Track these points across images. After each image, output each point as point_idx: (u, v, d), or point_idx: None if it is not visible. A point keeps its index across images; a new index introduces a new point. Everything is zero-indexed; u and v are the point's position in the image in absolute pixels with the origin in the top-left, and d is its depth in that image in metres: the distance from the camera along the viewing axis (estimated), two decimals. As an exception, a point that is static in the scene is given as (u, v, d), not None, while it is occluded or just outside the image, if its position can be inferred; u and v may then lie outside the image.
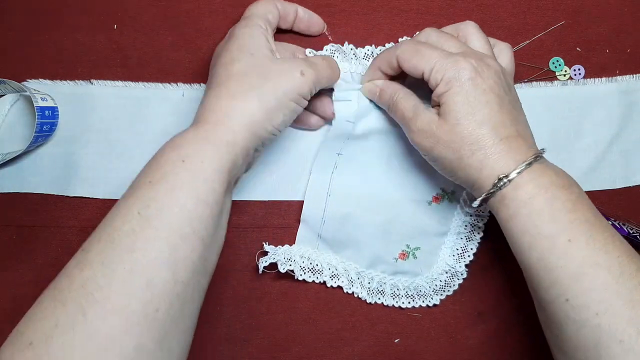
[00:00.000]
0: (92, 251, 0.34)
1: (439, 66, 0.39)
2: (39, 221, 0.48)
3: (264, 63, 0.40)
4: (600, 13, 0.49)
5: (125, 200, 0.36)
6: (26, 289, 0.47)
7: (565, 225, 0.36)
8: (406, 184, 0.47)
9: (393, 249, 0.48)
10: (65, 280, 0.34)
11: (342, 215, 0.47)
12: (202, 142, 0.37)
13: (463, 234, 0.48)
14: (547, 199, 0.37)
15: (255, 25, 0.42)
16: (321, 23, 0.48)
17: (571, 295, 0.35)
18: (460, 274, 0.48)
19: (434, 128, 0.40)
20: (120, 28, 0.49)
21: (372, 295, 0.48)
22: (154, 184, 0.36)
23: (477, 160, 0.38)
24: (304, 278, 0.47)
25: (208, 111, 0.39)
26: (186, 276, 0.35)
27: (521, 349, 0.48)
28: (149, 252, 0.34)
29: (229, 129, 0.38)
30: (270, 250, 0.46)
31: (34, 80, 0.48)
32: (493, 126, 0.38)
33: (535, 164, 0.38)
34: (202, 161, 0.36)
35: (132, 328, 0.32)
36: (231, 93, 0.39)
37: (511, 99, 0.40)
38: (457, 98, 0.39)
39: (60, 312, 0.32)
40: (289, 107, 0.40)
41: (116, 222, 0.35)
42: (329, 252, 0.48)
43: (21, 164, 0.48)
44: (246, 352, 0.48)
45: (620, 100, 0.49)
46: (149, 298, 0.33)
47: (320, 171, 0.47)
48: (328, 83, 0.44)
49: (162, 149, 0.38)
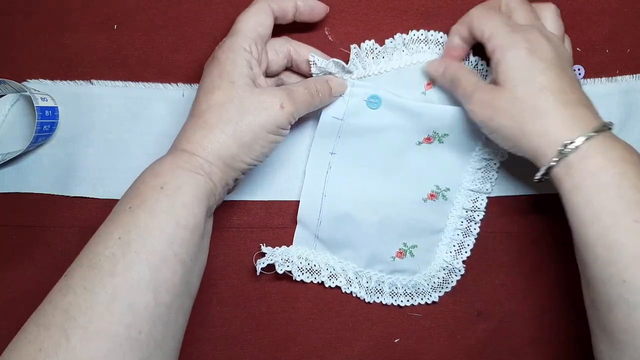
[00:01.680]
0: (75, 277, 0.35)
1: (498, 33, 0.39)
2: (39, 221, 0.48)
3: (243, 94, 0.39)
4: (600, 13, 0.49)
5: (107, 226, 0.36)
6: (26, 289, 0.47)
7: (632, 204, 0.34)
8: (401, 182, 0.47)
9: (390, 247, 0.48)
10: (48, 306, 0.34)
11: (338, 215, 0.47)
12: (179, 170, 0.38)
13: (459, 230, 0.48)
14: (616, 174, 0.35)
15: (239, 49, 0.41)
16: (323, 8, 0.46)
17: (629, 277, 0.33)
18: (458, 270, 0.48)
19: (492, 97, 0.39)
20: (120, 28, 0.49)
21: (371, 295, 0.48)
22: (134, 210, 0.36)
23: (539, 125, 0.37)
24: (302, 279, 0.47)
25: (185, 140, 0.39)
26: (168, 298, 0.35)
27: (521, 348, 0.48)
28: (130, 275, 0.34)
29: (204, 160, 0.38)
30: (267, 251, 0.46)
31: (34, 80, 0.48)
32: (553, 91, 0.37)
33: (602, 134, 0.36)
34: (180, 187, 0.37)
35: (115, 351, 0.32)
36: (208, 125, 0.39)
37: (573, 74, 0.39)
38: (514, 64, 0.38)
39: (43, 337, 0.32)
40: (266, 139, 0.40)
41: (98, 248, 0.35)
42: (326, 252, 0.48)
43: (21, 164, 0.48)
44: (246, 352, 0.48)
45: (620, 100, 0.49)
46: (131, 321, 0.33)
47: (314, 171, 0.47)
48: (309, 110, 0.43)
49: (141, 176, 0.38)
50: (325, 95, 0.44)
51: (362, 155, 0.47)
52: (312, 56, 0.44)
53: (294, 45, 0.45)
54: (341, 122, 0.46)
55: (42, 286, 0.46)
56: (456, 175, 0.47)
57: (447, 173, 0.47)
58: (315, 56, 0.44)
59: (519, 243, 0.48)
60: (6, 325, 0.47)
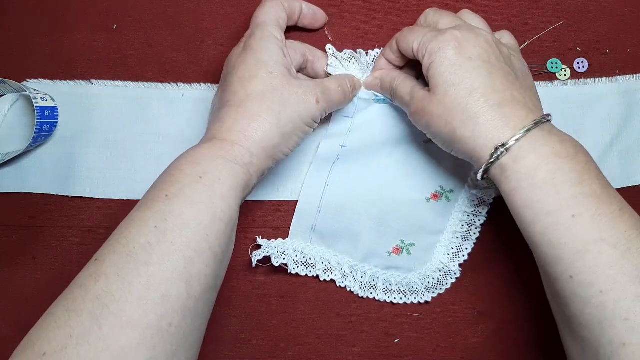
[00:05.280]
0: (107, 262, 0.34)
1: (424, 40, 0.39)
2: (38, 221, 0.48)
3: (282, 84, 0.40)
4: (600, 13, 0.49)
5: (141, 212, 0.36)
6: (26, 289, 0.47)
7: (568, 200, 0.34)
8: (406, 180, 0.48)
9: (387, 243, 0.48)
10: (78, 291, 0.33)
11: (339, 205, 0.47)
12: (219, 160, 0.37)
13: (459, 233, 0.48)
14: (550, 171, 0.35)
15: (271, 37, 0.41)
16: (324, 16, 0.47)
17: (575, 273, 0.34)
18: (453, 273, 0.48)
19: (426, 104, 0.39)
20: (120, 28, 0.49)
21: (365, 290, 0.48)
22: (171, 198, 0.36)
23: (469, 130, 0.37)
24: (297, 272, 0.47)
25: (226, 130, 0.39)
26: (199, 291, 0.35)
27: (521, 348, 0.48)
28: (165, 266, 0.34)
29: (246, 150, 0.38)
30: (263, 243, 0.46)
31: (33, 80, 0.48)
32: (483, 93, 0.37)
33: (535, 130, 0.36)
34: (220, 179, 0.37)
35: (146, 341, 0.32)
36: (250, 114, 0.39)
37: (508, 68, 0.39)
38: (441, 69, 0.38)
39: (74, 322, 0.32)
40: (303, 130, 0.41)
41: (132, 234, 0.35)
42: (322, 245, 0.48)
43: (21, 164, 0.48)
44: (246, 352, 0.48)
45: (620, 101, 0.49)
46: (163, 312, 0.33)
47: (321, 162, 0.47)
48: (338, 107, 0.44)
49: (178, 162, 0.38)
50: (353, 95, 0.45)
51: (370, 150, 0.47)
52: (329, 47, 0.45)
53: (308, 46, 0.46)
54: (352, 119, 0.47)
55: (42, 286, 0.47)
56: (461, 177, 0.47)
57: (453, 175, 0.47)
58: (333, 48, 0.45)
59: (519, 243, 0.48)
60: (6, 325, 0.47)
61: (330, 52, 0.46)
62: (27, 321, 0.34)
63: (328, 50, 0.46)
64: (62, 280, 0.37)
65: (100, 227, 0.48)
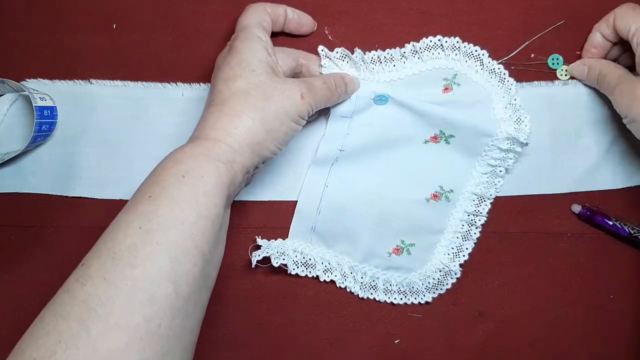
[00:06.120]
0: (93, 266, 0.34)
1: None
2: (38, 221, 0.48)
3: (265, 81, 0.40)
4: (600, 13, 0.49)
5: (126, 214, 0.36)
6: (25, 289, 0.47)
7: None
8: (405, 179, 0.47)
9: (387, 243, 0.48)
10: (66, 296, 0.33)
11: (339, 206, 0.47)
12: (202, 158, 0.37)
13: (459, 233, 0.48)
14: None
15: (255, 38, 0.41)
16: (311, 22, 0.48)
17: None
18: (454, 273, 0.48)
19: (633, 87, 0.41)
20: (120, 28, 0.48)
21: (365, 290, 0.48)
22: (155, 199, 0.35)
23: None
24: (296, 272, 0.47)
25: (209, 128, 0.39)
26: (188, 291, 0.35)
27: (521, 348, 0.48)
28: (151, 267, 0.33)
29: (229, 147, 0.38)
30: (263, 244, 0.46)
31: (33, 79, 0.48)
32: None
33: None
34: (202, 176, 0.36)
35: (135, 343, 0.32)
36: (233, 112, 0.39)
37: None
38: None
39: (62, 327, 0.32)
40: (290, 126, 0.41)
41: (117, 237, 0.34)
42: (322, 246, 0.48)
43: (20, 164, 0.48)
44: (246, 352, 0.48)
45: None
46: (151, 313, 0.33)
47: (320, 164, 0.47)
48: (327, 104, 0.44)
49: (162, 163, 0.38)
50: (342, 91, 0.45)
51: (369, 150, 0.47)
52: (322, 49, 0.45)
53: (301, 51, 0.46)
54: (350, 120, 0.46)
55: (41, 286, 0.47)
56: (461, 177, 0.47)
57: (452, 175, 0.47)
58: (325, 49, 0.45)
59: (519, 243, 0.48)
60: (6, 325, 0.47)
61: (322, 54, 0.45)
62: (27, 321, 0.33)
63: (320, 52, 0.46)
64: (62, 280, 0.37)
65: (99, 227, 0.47)
